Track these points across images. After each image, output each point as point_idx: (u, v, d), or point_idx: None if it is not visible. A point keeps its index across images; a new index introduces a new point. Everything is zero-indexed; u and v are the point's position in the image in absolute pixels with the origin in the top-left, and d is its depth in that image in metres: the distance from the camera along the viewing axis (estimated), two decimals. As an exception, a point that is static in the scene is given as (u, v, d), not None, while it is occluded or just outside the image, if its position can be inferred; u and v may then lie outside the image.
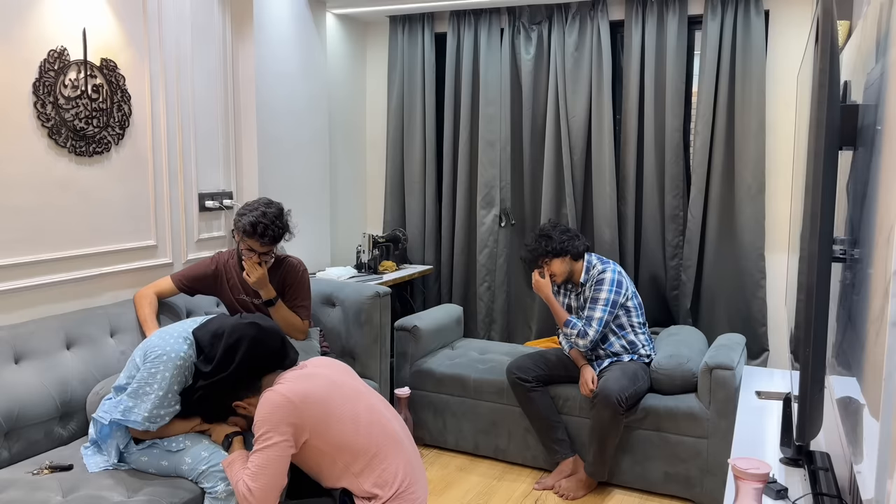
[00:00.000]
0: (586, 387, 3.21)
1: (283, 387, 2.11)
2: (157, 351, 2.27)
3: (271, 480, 2.06)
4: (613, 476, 3.26)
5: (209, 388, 2.21)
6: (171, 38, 3.26)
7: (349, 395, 2.19)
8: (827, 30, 1.22)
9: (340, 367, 2.34)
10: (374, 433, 2.15)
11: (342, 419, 2.12)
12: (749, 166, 3.82)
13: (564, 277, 3.34)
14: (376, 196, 4.94)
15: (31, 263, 2.72)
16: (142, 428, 2.24)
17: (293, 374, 2.20)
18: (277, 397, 2.08)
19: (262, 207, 2.86)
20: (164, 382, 2.23)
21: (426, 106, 4.58)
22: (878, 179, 1.02)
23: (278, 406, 2.06)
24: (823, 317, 1.19)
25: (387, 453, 2.15)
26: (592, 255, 3.40)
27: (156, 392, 2.23)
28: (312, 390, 2.12)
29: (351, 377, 2.32)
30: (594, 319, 3.23)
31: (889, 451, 0.84)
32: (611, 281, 3.26)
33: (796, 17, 3.77)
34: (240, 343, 2.19)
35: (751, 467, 1.48)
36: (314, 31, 4.16)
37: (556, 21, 4.19)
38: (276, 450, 2.06)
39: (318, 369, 2.26)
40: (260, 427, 2.07)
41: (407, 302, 4.65)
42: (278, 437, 2.06)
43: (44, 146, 2.76)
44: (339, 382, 2.22)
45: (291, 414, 2.06)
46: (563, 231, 3.34)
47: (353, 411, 2.15)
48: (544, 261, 3.34)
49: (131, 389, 2.26)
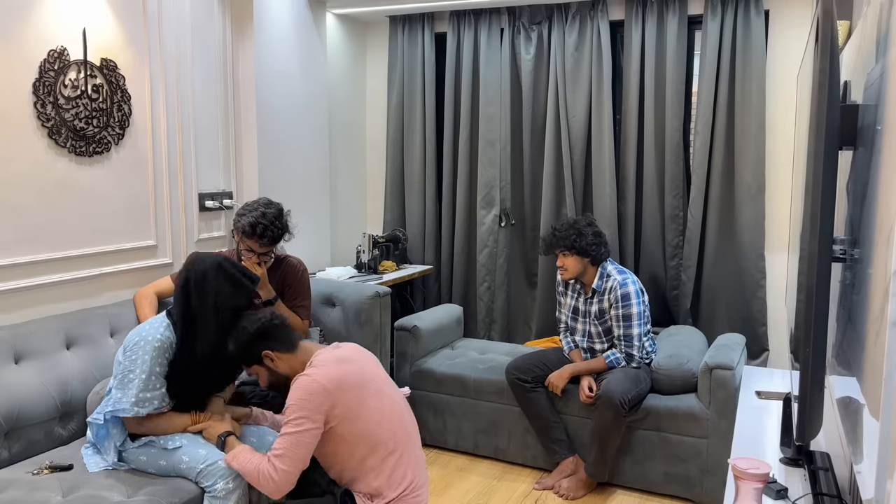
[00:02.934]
0: (584, 393, 3.21)
1: (320, 373, 2.09)
2: (135, 339, 2.30)
3: (298, 464, 2.08)
4: (613, 476, 3.26)
5: (203, 346, 2.25)
6: (171, 38, 3.26)
7: (377, 389, 2.19)
8: (827, 30, 1.22)
9: (371, 358, 2.32)
10: (395, 430, 2.16)
11: (369, 411, 2.12)
12: (749, 166, 3.82)
13: (573, 276, 3.29)
14: (376, 196, 4.94)
15: (31, 263, 2.72)
16: (132, 413, 2.24)
17: (328, 356, 2.17)
18: (314, 384, 2.07)
19: (262, 208, 2.86)
20: (145, 365, 2.25)
21: (426, 106, 4.58)
22: (878, 179, 1.02)
23: (314, 392, 2.06)
24: (823, 317, 1.19)
25: (402, 452, 2.15)
26: (607, 261, 3.32)
27: (138, 376, 2.24)
28: (347, 378, 2.12)
29: (379, 369, 2.30)
30: (633, 337, 3.19)
31: (889, 451, 0.84)
32: (635, 293, 3.20)
33: (796, 17, 3.77)
34: (206, 274, 2.27)
35: (751, 467, 1.48)
36: (314, 31, 4.16)
37: (556, 21, 4.19)
38: (307, 436, 2.06)
39: (352, 355, 2.23)
40: (293, 412, 2.06)
41: (407, 302, 4.65)
42: (310, 424, 2.06)
43: (44, 146, 2.76)
44: (371, 375, 2.21)
45: (326, 401, 2.06)
46: (596, 234, 3.25)
47: (379, 406, 2.15)
48: (563, 252, 3.25)
49: (116, 381, 2.29)
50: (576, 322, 3.40)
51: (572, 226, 3.26)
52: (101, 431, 2.34)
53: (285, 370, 2.21)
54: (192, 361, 2.30)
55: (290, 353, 2.21)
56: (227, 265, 2.36)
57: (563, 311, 3.47)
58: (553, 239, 3.29)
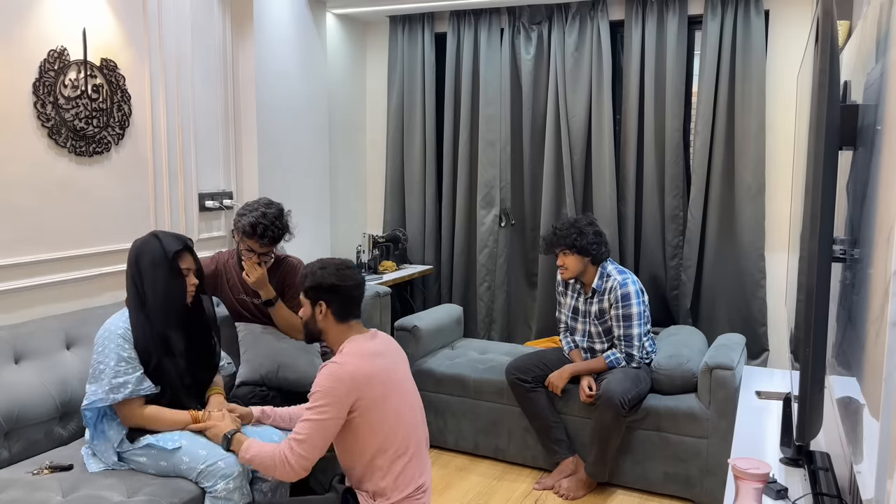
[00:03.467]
0: (584, 393, 3.21)
1: (351, 363, 2.07)
2: (100, 335, 2.33)
3: (316, 451, 2.07)
4: (613, 476, 3.26)
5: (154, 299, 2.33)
6: (171, 38, 3.26)
7: (401, 390, 2.18)
8: (827, 30, 1.22)
9: (401, 357, 2.30)
10: (409, 434, 2.14)
11: (388, 410, 2.11)
12: (749, 166, 3.82)
13: (573, 275, 3.29)
14: (376, 196, 4.94)
15: (31, 263, 2.72)
16: (110, 401, 2.24)
17: (362, 348, 2.14)
18: (344, 374, 2.05)
19: (263, 208, 2.85)
20: (112, 353, 2.27)
21: (426, 106, 4.58)
22: (878, 179, 1.02)
23: (342, 382, 2.04)
24: (823, 317, 1.19)
25: (412, 456, 2.14)
26: (607, 261, 3.31)
27: (107, 364, 2.26)
28: (376, 374, 2.10)
29: (407, 369, 2.29)
30: (633, 337, 3.20)
31: (889, 451, 0.84)
32: (635, 293, 3.20)
33: (796, 17, 3.77)
34: (140, 248, 2.38)
35: (751, 467, 1.48)
36: (314, 31, 4.16)
37: (556, 21, 4.19)
38: (329, 424, 2.05)
39: (385, 350, 2.22)
40: (319, 398, 2.05)
41: (407, 302, 4.65)
42: (334, 412, 2.04)
43: (44, 146, 2.76)
44: (399, 375, 2.20)
45: (353, 391, 2.05)
46: (597, 233, 3.25)
47: (399, 407, 2.14)
48: (563, 251, 3.25)
49: (89, 377, 2.31)
50: (576, 322, 3.40)
51: (573, 225, 3.25)
52: (97, 436, 2.33)
53: (324, 328, 2.21)
54: (150, 323, 2.32)
55: (338, 322, 2.21)
56: (158, 232, 2.46)
57: (562, 311, 3.47)
58: (554, 238, 3.28)
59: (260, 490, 2.34)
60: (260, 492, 2.34)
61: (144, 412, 2.30)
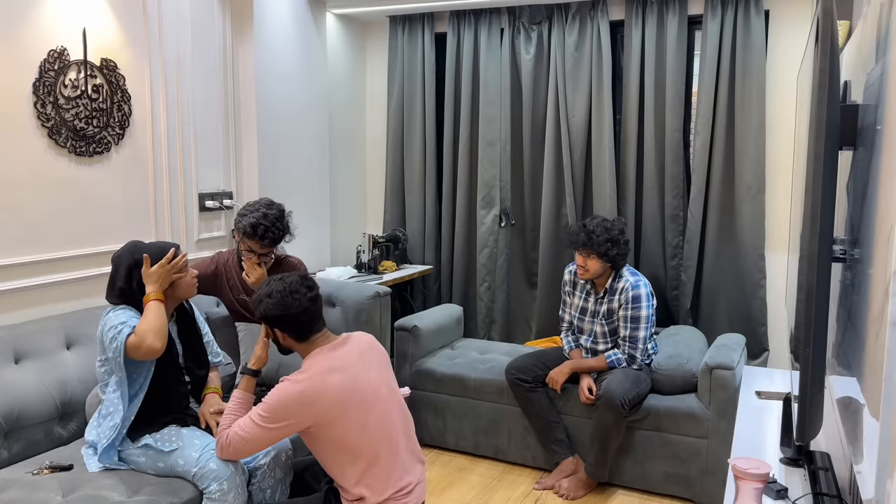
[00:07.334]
0: (584, 394, 3.21)
1: (303, 383, 2.04)
2: (99, 331, 2.31)
3: (253, 450, 2.14)
4: (614, 476, 3.26)
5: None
6: (171, 38, 3.26)
7: (367, 400, 2.12)
8: (827, 30, 1.22)
9: (373, 361, 2.23)
10: (381, 442, 2.11)
11: (349, 426, 2.07)
12: (749, 166, 3.82)
13: (592, 277, 3.25)
14: (376, 196, 4.94)
15: (31, 263, 2.72)
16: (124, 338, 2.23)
17: (321, 362, 2.10)
18: (294, 394, 2.04)
19: (263, 209, 2.85)
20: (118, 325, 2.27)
21: (426, 106, 4.58)
22: (878, 179, 1.02)
23: (290, 402, 2.04)
24: (823, 317, 1.19)
25: (385, 463, 2.12)
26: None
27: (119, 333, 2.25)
28: (331, 390, 2.05)
29: (379, 372, 2.22)
30: (639, 340, 3.20)
31: (889, 451, 0.84)
32: (646, 296, 3.20)
33: (796, 17, 3.77)
34: (119, 259, 2.40)
35: (751, 467, 1.48)
36: (314, 31, 4.16)
37: (556, 21, 4.19)
38: (275, 435, 2.08)
39: (346, 361, 2.14)
40: (266, 410, 2.06)
41: (407, 302, 4.65)
42: (276, 426, 2.06)
43: (44, 146, 2.76)
44: (364, 383, 2.13)
45: (300, 411, 2.04)
46: (626, 242, 3.23)
47: (366, 418, 2.10)
48: (590, 253, 3.20)
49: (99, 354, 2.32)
50: (582, 322, 3.39)
51: (607, 231, 3.18)
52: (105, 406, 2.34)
53: (290, 346, 2.22)
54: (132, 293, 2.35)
55: (298, 342, 2.20)
56: (137, 242, 2.48)
57: (567, 311, 3.46)
58: (587, 241, 3.19)
59: (260, 489, 2.34)
60: (260, 491, 2.34)
61: (137, 330, 2.25)
